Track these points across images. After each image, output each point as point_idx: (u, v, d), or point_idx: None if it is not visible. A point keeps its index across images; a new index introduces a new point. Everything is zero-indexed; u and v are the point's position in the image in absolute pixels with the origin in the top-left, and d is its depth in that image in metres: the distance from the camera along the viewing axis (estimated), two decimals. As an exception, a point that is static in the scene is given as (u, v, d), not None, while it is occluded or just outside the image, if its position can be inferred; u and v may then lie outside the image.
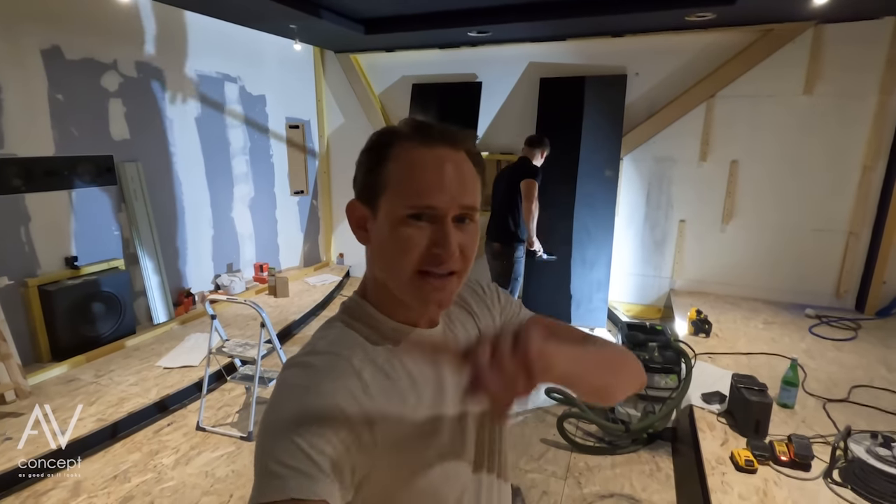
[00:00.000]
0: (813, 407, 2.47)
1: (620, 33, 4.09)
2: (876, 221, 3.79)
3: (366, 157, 0.64)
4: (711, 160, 4.12)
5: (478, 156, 0.66)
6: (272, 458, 0.50)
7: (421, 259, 0.60)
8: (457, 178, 0.61)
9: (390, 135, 0.63)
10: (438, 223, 0.60)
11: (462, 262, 0.62)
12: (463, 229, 0.62)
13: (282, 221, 5.14)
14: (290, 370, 0.59)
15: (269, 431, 0.53)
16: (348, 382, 0.57)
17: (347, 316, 0.67)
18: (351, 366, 0.59)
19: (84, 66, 3.27)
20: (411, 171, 0.60)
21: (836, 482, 1.90)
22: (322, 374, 0.57)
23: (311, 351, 0.62)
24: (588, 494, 2.27)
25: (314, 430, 0.52)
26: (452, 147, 0.62)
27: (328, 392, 0.56)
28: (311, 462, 0.50)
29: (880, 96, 3.63)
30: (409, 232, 0.60)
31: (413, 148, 0.61)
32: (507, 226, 3.40)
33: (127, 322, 3.54)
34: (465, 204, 0.61)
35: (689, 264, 4.36)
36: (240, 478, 2.36)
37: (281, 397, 0.56)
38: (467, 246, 0.62)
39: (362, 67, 5.12)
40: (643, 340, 2.77)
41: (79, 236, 3.35)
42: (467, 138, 0.65)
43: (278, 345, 2.83)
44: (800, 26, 3.67)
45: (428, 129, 0.62)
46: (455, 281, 0.62)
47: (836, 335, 3.42)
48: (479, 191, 0.65)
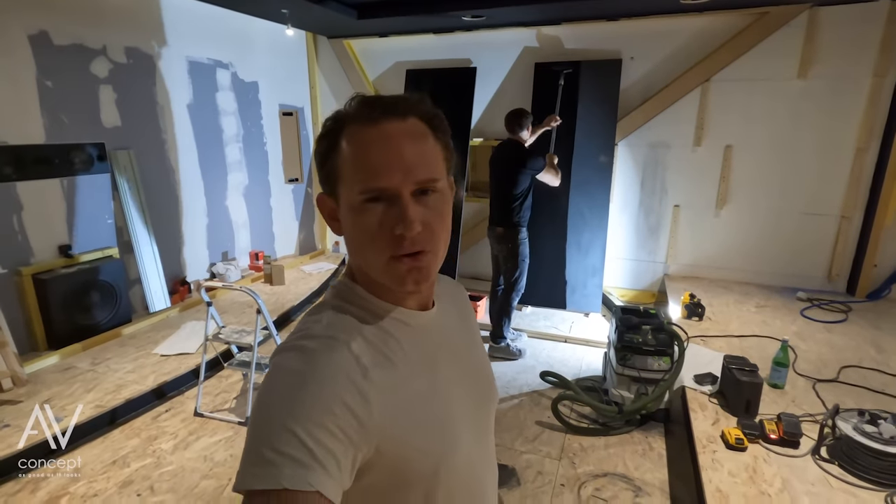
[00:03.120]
0: (803, 387, 2.51)
1: (615, 17, 4.06)
2: (868, 204, 3.82)
3: (318, 147, 0.63)
4: (706, 145, 4.13)
5: (434, 118, 0.62)
6: (266, 444, 0.49)
7: (387, 244, 0.58)
8: (409, 152, 0.58)
9: (337, 119, 0.61)
10: (395, 203, 0.57)
11: (430, 238, 0.60)
12: (425, 202, 0.59)
13: (277, 209, 5.13)
14: (286, 354, 0.57)
15: (264, 416, 0.52)
16: (348, 368, 0.56)
17: (339, 299, 0.66)
18: (349, 350, 0.58)
19: (73, 52, 3.23)
20: (359, 153, 0.58)
21: (824, 458, 1.95)
22: (320, 360, 0.56)
23: (307, 335, 0.60)
24: (582, 474, 2.31)
25: (312, 419, 0.50)
26: (400, 118, 0.59)
27: (327, 379, 0.54)
28: (307, 450, 0.49)
29: (874, 78, 3.63)
30: (368, 218, 0.58)
31: (359, 129, 0.58)
32: (509, 209, 3.39)
33: (123, 310, 3.54)
34: (420, 179, 0.58)
35: (683, 249, 4.38)
36: (238, 462, 2.38)
37: (277, 382, 0.54)
38: (432, 220, 0.59)
39: (356, 53, 5.07)
40: (637, 324, 2.80)
41: (72, 224, 3.33)
42: (417, 104, 0.61)
43: (275, 331, 2.84)
44: (795, 9, 3.65)
45: (371, 104, 0.59)
46: (429, 257, 0.60)
47: (827, 318, 3.47)
48: (439, 157, 0.62)
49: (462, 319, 0.80)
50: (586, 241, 4.25)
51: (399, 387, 0.60)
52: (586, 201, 4.23)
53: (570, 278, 4.27)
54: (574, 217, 4.25)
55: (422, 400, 0.62)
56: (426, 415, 0.62)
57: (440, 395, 0.65)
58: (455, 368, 0.70)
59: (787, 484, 1.82)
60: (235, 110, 4.50)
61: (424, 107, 0.62)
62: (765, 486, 1.81)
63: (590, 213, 4.24)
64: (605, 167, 4.20)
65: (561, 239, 4.27)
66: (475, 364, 0.77)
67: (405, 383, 0.61)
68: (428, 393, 0.63)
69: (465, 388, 0.70)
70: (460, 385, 0.69)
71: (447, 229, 0.62)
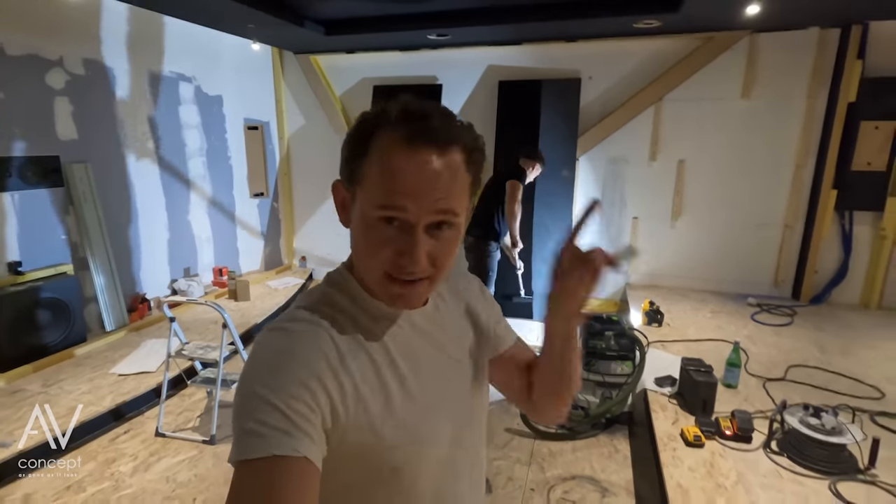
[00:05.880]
0: (754, 386, 2.66)
1: (574, 38, 4.26)
2: (807, 216, 4.11)
3: (348, 141, 0.61)
4: (661, 160, 4.35)
5: (474, 151, 0.60)
6: (251, 418, 0.51)
7: (388, 263, 0.59)
8: (437, 182, 0.56)
9: (375, 123, 0.59)
10: (408, 232, 0.57)
11: (433, 269, 0.60)
12: (438, 237, 0.59)
13: (241, 224, 5.04)
14: (271, 333, 0.60)
15: (249, 392, 0.54)
16: (327, 351, 0.59)
17: (331, 287, 0.67)
18: (330, 336, 0.60)
19: (27, 63, 3.12)
20: (386, 171, 0.56)
21: (775, 451, 2.07)
22: (302, 341, 0.59)
23: (292, 318, 0.62)
24: (551, 478, 2.36)
25: (291, 393, 0.53)
26: (439, 149, 0.57)
27: (306, 358, 0.57)
28: (290, 421, 0.51)
29: (808, 100, 3.94)
30: (378, 235, 0.58)
31: (394, 145, 0.56)
32: (487, 221, 3.45)
33: (77, 329, 3.39)
34: (442, 208, 0.57)
35: (643, 259, 4.57)
36: (203, 482, 2.31)
37: (260, 359, 0.57)
38: (440, 255, 0.60)
39: (322, 69, 5.10)
40: (600, 330, 2.90)
41: (22, 240, 3.19)
42: (460, 133, 0.59)
43: (241, 346, 2.79)
44: (736, 35, 3.94)
45: (417, 124, 0.56)
46: (425, 285, 0.61)
47: (775, 321, 3.68)
48: (466, 191, 0.61)
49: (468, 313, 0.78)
50: (551, 252, 4.36)
51: (374, 381, 0.61)
52: (550, 214, 4.36)
53: (536, 289, 4.37)
54: (539, 229, 4.37)
55: (395, 398, 0.62)
56: (398, 413, 0.62)
57: (415, 393, 0.65)
58: (439, 368, 0.70)
59: (741, 477, 1.93)
60: (199, 124, 4.43)
61: (467, 137, 0.59)
62: (721, 480, 1.91)
63: (553, 226, 4.37)
64: (568, 181, 4.36)
65: (527, 251, 4.37)
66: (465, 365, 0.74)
67: (380, 379, 0.62)
68: (403, 392, 0.63)
69: (448, 393, 0.70)
70: (442, 389, 0.69)
71: (453, 257, 0.62)
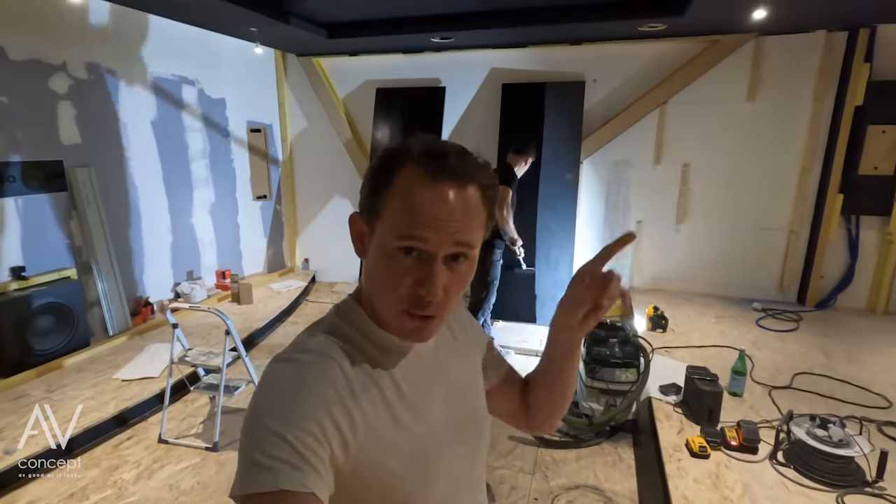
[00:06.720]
0: (760, 394, 2.64)
1: (578, 41, 4.24)
2: (813, 220, 4.08)
3: (371, 176, 0.63)
4: (665, 163, 4.33)
5: (489, 188, 0.63)
6: (259, 451, 0.51)
7: (405, 299, 0.60)
8: (457, 219, 0.59)
9: (398, 159, 0.61)
10: (427, 263, 0.59)
11: (443, 305, 0.61)
12: (454, 269, 0.61)
13: (244, 227, 5.04)
14: (280, 365, 0.60)
15: (258, 424, 0.54)
16: (338, 385, 0.59)
17: (339, 319, 0.67)
18: (340, 368, 0.60)
19: (30, 68, 3.13)
20: (408, 204, 0.58)
21: (781, 463, 2.05)
22: (313, 373, 0.58)
23: (302, 349, 0.62)
24: (555, 487, 2.34)
25: (301, 426, 0.53)
26: (460, 185, 0.59)
27: (318, 391, 0.57)
28: (299, 455, 0.51)
29: (814, 103, 3.91)
30: (397, 267, 0.59)
31: (417, 179, 0.59)
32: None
33: (80, 334, 3.39)
34: (460, 241, 0.59)
35: (647, 263, 4.55)
36: (206, 489, 2.31)
37: (269, 391, 0.57)
38: (453, 286, 0.61)
39: (325, 71, 5.09)
40: (604, 337, 2.89)
41: (26, 245, 3.19)
42: (479, 172, 0.61)
43: (244, 352, 2.79)
44: (742, 38, 3.91)
45: (439, 160, 0.59)
46: (436, 321, 0.63)
47: (780, 327, 3.66)
48: (482, 226, 0.63)
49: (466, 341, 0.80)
50: (555, 255, 4.36)
51: (384, 413, 0.61)
52: (554, 217, 4.34)
53: (539, 292, 4.36)
54: (542, 232, 4.35)
55: (405, 430, 0.63)
56: (407, 445, 0.63)
57: (424, 428, 0.65)
58: (446, 403, 0.71)
59: (747, 489, 1.91)
60: (202, 127, 4.42)
61: (485, 175, 0.62)
62: (727, 492, 1.90)
63: (557, 229, 4.35)
64: (571, 184, 4.34)
65: (530, 254, 4.35)
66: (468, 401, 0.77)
67: (390, 411, 0.62)
68: (412, 424, 0.64)
69: (454, 424, 0.71)
70: (449, 421, 0.70)
71: (462, 292, 0.64)
